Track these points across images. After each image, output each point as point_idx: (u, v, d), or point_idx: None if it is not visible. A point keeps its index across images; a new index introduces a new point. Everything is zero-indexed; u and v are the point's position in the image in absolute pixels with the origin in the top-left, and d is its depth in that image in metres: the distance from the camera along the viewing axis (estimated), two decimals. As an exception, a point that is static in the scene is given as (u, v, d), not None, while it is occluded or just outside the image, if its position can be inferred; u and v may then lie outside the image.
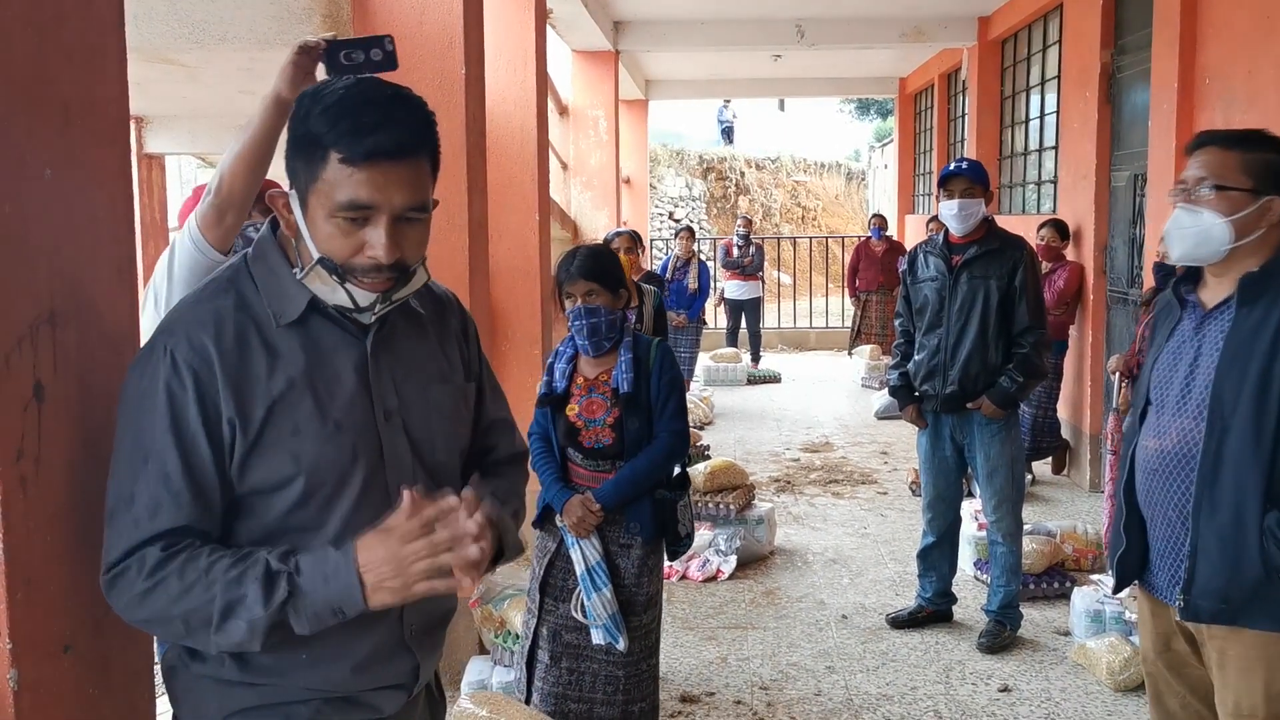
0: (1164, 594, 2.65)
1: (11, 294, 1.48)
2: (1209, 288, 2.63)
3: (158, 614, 1.53)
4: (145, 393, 1.55)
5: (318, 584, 1.50)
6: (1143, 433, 2.69)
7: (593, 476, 3.47)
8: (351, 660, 1.67)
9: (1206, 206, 2.55)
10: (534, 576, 3.55)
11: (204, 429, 1.55)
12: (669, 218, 21.96)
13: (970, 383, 4.71)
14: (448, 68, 4.19)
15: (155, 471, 1.53)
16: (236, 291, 1.63)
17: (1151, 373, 2.71)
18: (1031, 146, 9.71)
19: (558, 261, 3.53)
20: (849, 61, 14.84)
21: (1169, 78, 6.04)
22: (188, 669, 1.66)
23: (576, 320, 3.40)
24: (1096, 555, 5.73)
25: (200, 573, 1.51)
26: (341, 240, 1.57)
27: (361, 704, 1.71)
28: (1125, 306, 7.09)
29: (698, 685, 4.46)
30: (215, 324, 1.58)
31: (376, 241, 1.56)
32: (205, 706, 1.66)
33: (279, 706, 1.65)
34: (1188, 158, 2.66)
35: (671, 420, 3.44)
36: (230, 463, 1.57)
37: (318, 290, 1.62)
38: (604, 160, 12.17)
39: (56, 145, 1.59)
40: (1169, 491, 2.59)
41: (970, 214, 4.69)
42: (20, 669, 1.48)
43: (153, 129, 6.25)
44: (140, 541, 1.53)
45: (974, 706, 4.25)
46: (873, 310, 12.30)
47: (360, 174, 1.53)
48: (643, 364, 3.43)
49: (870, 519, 6.89)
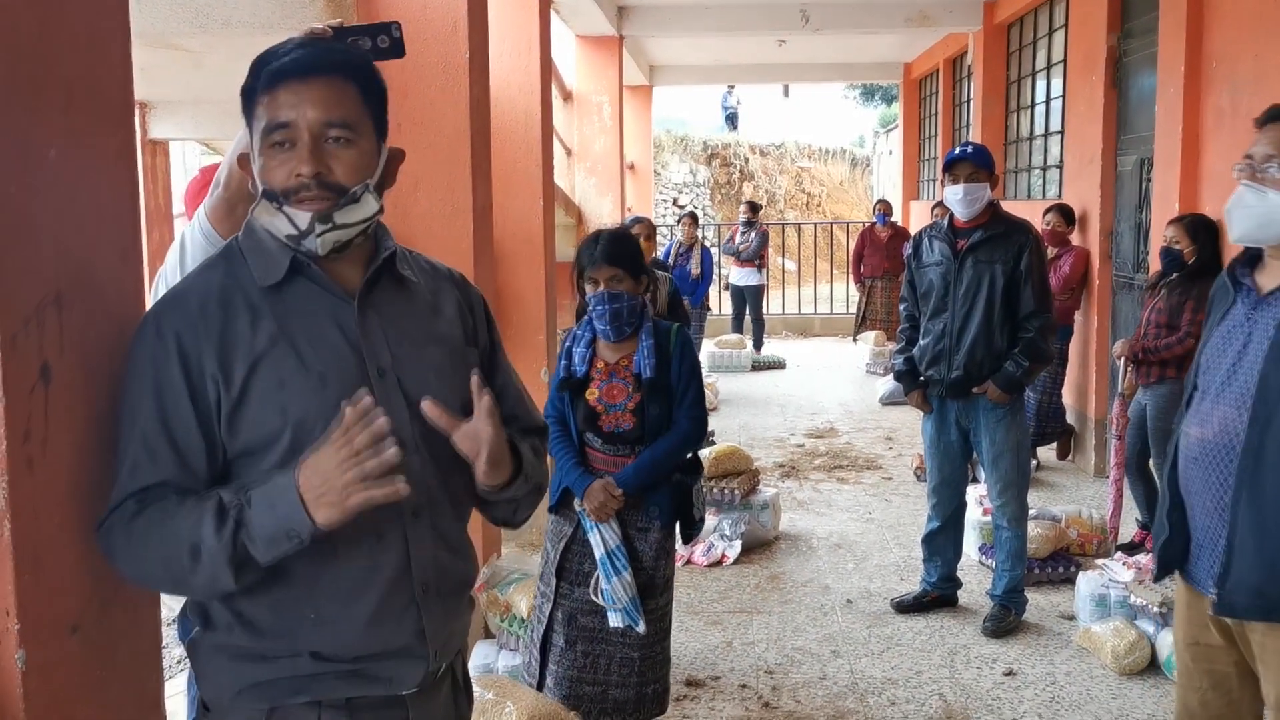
0: (1202, 585, 2.58)
1: (17, 275, 1.47)
2: (1267, 271, 2.51)
3: (140, 564, 1.59)
4: (135, 361, 1.64)
5: (264, 510, 1.54)
6: (1186, 420, 2.60)
7: (611, 461, 3.47)
8: (360, 617, 1.67)
9: (1275, 187, 2.42)
10: (549, 561, 3.56)
11: (186, 389, 1.61)
12: (673, 204, 21.93)
13: (975, 367, 4.70)
14: (451, 52, 4.18)
15: (138, 433, 1.60)
16: (225, 264, 1.71)
17: (1200, 358, 2.61)
18: (1037, 131, 9.68)
19: (580, 246, 3.52)
20: (854, 47, 14.79)
21: (1175, 62, 6.01)
22: (203, 640, 1.70)
23: (599, 305, 3.38)
24: (1101, 540, 5.73)
25: (165, 517, 1.56)
26: (275, 169, 1.66)
27: (375, 677, 1.70)
28: (1131, 292, 7.07)
29: (703, 669, 4.47)
30: (201, 293, 1.66)
31: (298, 158, 1.64)
32: (221, 680, 1.68)
33: (292, 680, 1.66)
34: (1258, 130, 2.50)
35: (692, 407, 3.46)
36: (219, 422, 1.62)
37: (267, 225, 1.68)
38: (608, 146, 12.15)
39: (60, 126, 1.58)
40: (1208, 482, 2.50)
41: (975, 198, 4.68)
42: (28, 650, 1.49)
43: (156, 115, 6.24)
44: (122, 498, 1.59)
45: (978, 690, 4.26)
46: (877, 296, 12.29)
47: (274, 98, 1.64)
48: (664, 350, 3.44)
49: (875, 504, 6.89)
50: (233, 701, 1.67)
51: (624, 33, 11.70)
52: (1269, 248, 2.50)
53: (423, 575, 1.73)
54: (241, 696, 1.66)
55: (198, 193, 2.89)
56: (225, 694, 1.67)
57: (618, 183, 12.19)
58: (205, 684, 1.71)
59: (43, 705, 1.52)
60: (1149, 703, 4.14)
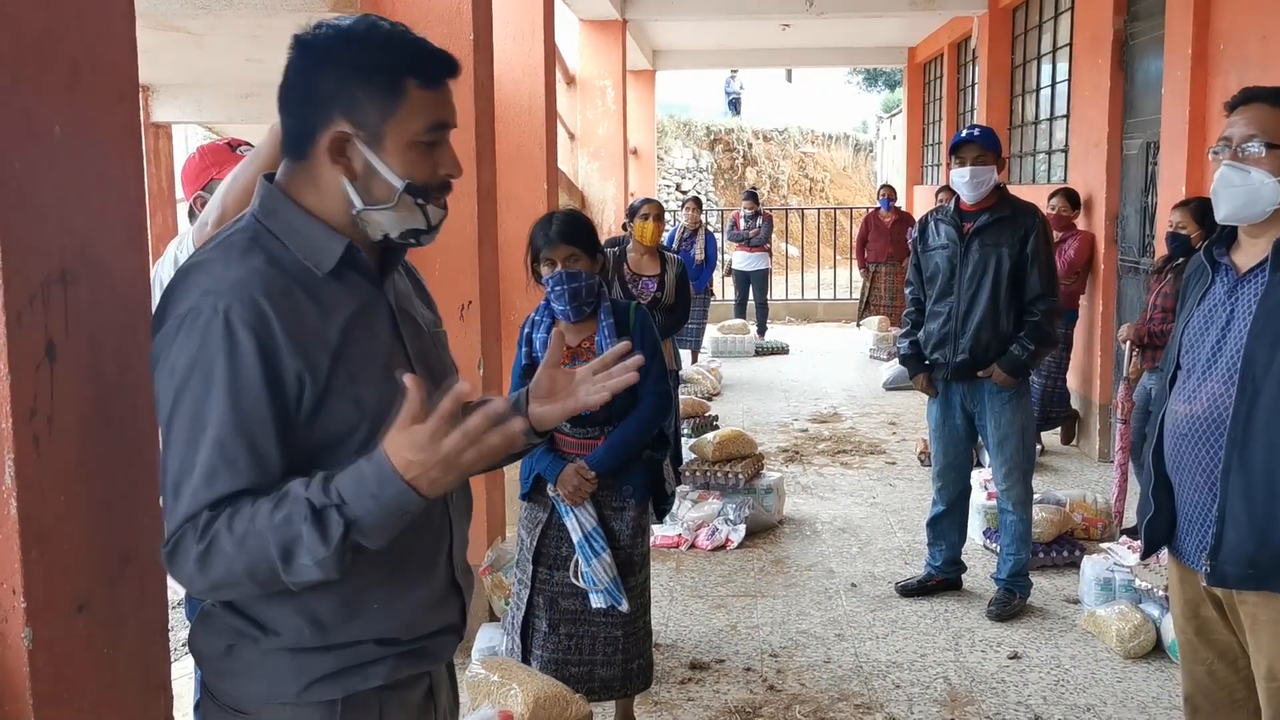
0: (1191, 560, 2.63)
1: (22, 251, 1.47)
2: (1243, 250, 2.59)
3: (223, 574, 1.49)
4: (198, 357, 1.50)
5: (368, 504, 1.46)
6: (1172, 398, 2.66)
7: (580, 445, 3.48)
8: (421, 600, 1.70)
9: (1257, 165, 2.49)
10: (524, 547, 3.57)
11: (266, 387, 1.51)
12: (676, 189, 21.89)
13: (981, 351, 4.69)
14: (455, 34, 4.16)
15: (212, 438, 1.50)
16: (263, 251, 1.60)
17: (1182, 337, 2.68)
18: (1042, 115, 9.64)
19: (532, 229, 3.49)
20: (858, 31, 14.73)
21: (1182, 44, 5.98)
22: (256, 644, 1.62)
23: (557, 286, 3.37)
24: (1106, 524, 5.73)
25: (247, 523, 1.47)
26: (425, 163, 1.64)
27: (426, 654, 1.73)
28: (1136, 276, 7.05)
29: (707, 653, 4.47)
30: (261, 281, 1.55)
31: (450, 159, 1.67)
32: (282, 678, 1.62)
33: (356, 669, 1.64)
34: (1229, 114, 2.59)
35: (656, 383, 3.45)
36: (298, 418, 1.56)
37: (387, 221, 1.64)
38: (611, 130, 12.12)
39: (65, 103, 1.57)
40: (1197, 456, 2.56)
41: (982, 181, 4.66)
42: (35, 627, 1.48)
43: (159, 98, 6.22)
44: (196, 509, 1.49)
45: (983, 673, 4.26)
46: (881, 281, 12.27)
47: (438, 96, 1.64)
48: (624, 328, 3.44)
49: (879, 489, 6.89)
50: (300, 695, 1.62)
51: (627, 16, 11.65)
52: (1245, 228, 2.58)
53: (458, 555, 1.79)
54: (310, 690, 1.62)
55: (196, 175, 2.87)
56: (288, 689, 1.62)
57: (621, 167, 12.16)
58: (255, 684, 1.63)
59: (49, 682, 1.52)
60: (1154, 685, 4.14)
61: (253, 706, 1.64)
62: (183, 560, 1.49)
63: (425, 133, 1.62)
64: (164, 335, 1.54)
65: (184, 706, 2.93)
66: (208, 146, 2.91)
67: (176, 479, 1.51)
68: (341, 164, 1.61)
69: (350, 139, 1.60)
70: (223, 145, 2.88)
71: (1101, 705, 4.00)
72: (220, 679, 1.65)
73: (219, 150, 2.84)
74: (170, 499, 1.51)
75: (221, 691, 1.66)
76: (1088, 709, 3.97)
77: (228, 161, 2.79)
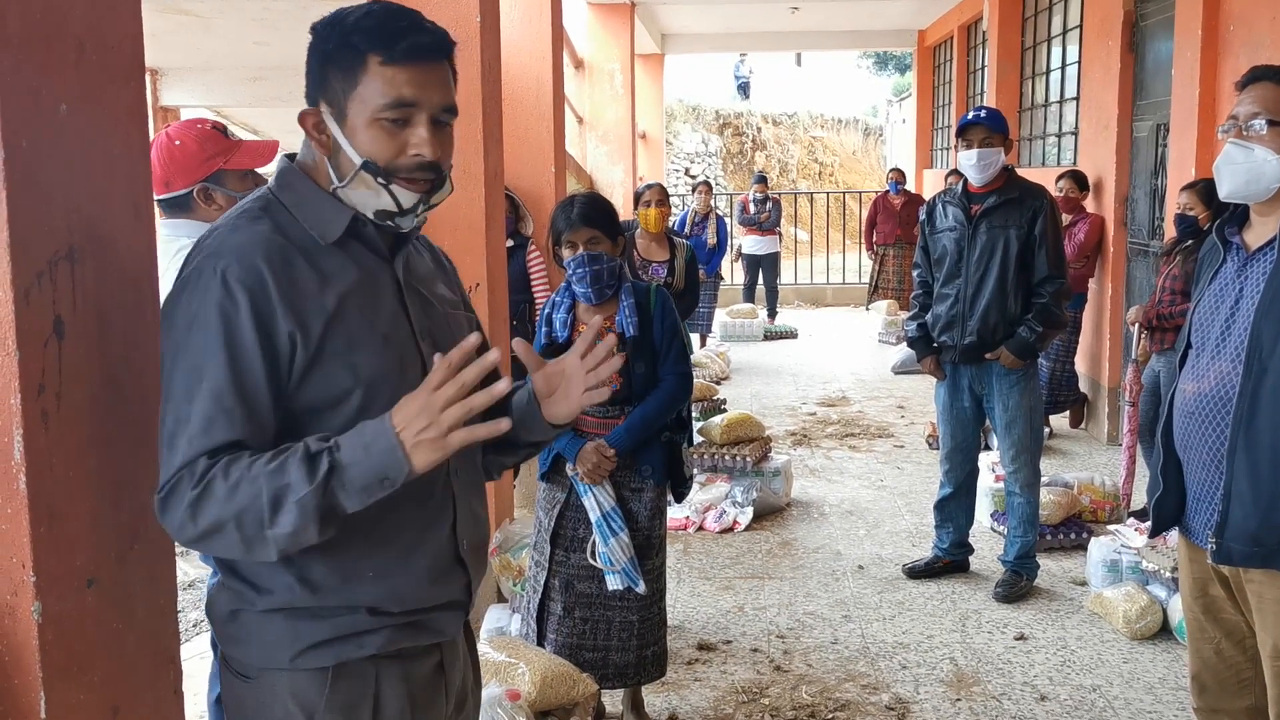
0: (1199, 538, 2.64)
1: (30, 229, 1.48)
2: (1254, 229, 2.60)
3: (211, 521, 1.50)
4: (196, 315, 1.56)
5: (359, 454, 1.50)
6: (1182, 376, 2.67)
7: (600, 423, 3.48)
8: (417, 573, 1.71)
9: (1259, 142, 2.49)
10: (542, 529, 3.57)
11: (259, 345, 1.56)
12: (685, 174, 21.85)
13: (989, 333, 4.69)
14: (462, 16, 4.16)
15: (209, 389, 1.54)
16: (271, 219, 1.66)
17: (1194, 316, 2.69)
18: (1052, 98, 9.60)
19: (554, 212, 3.51)
20: (867, 13, 14.67)
21: (1193, 25, 5.95)
22: (253, 606, 1.66)
23: (579, 268, 3.38)
24: (1114, 507, 5.73)
25: (243, 470, 1.50)
26: (385, 142, 1.63)
27: (427, 627, 1.74)
28: (1146, 258, 7.03)
29: (715, 634, 4.49)
30: (263, 246, 1.60)
31: (420, 139, 1.63)
32: (277, 643, 1.65)
33: (351, 638, 1.67)
34: (1239, 93, 2.59)
35: (676, 363, 3.47)
36: (289, 378, 1.59)
37: (358, 199, 1.66)
38: (620, 114, 12.10)
39: (71, 81, 1.58)
40: (1205, 434, 2.57)
41: (989, 163, 4.64)
42: (44, 602, 1.50)
43: (167, 81, 6.23)
44: (193, 456, 1.52)
45: (990, 654, 4.27)
46: (890, 265, 12.24)
47: (402, 73, 1.61)
48: (645, 309, 3.45)
49: (887, 472, 6.89)
50: (293, 661, 1.65)
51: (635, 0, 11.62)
52: (1255, 206, 2.58)
53: (465, 531, 1.79)
54: (303, 656, 1.65)
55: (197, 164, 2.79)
56: (282, 655, 1.65)
57: (629, 151, 12.15)
58: (253, 649, 1.67)
59: (59, 657, 1.53)
60: (1160, 667, 4.15)
61: (253, 671, 1.69)
62: (176, 506, 1.52)
63: (387, 109, 1.61)
64: (170, 296, 1.60)
65: (193, 685, 2.96)
66: (203, 133, 2.78)
67: (173, 429, 1.54)
68: (319, 141, 1.68)
69: (322, 116, 1.66)
70: (214, 133, 2.76)
71: (1107, 686, 4.01)
72: (228, 644, 1.71)
73: (217, 139, 2.74)
74: (166, 448, 1.55)
75: (231, 657, 1.71)
76: (1094, 689, 3.98)
77: (232, 150, 2.74)
